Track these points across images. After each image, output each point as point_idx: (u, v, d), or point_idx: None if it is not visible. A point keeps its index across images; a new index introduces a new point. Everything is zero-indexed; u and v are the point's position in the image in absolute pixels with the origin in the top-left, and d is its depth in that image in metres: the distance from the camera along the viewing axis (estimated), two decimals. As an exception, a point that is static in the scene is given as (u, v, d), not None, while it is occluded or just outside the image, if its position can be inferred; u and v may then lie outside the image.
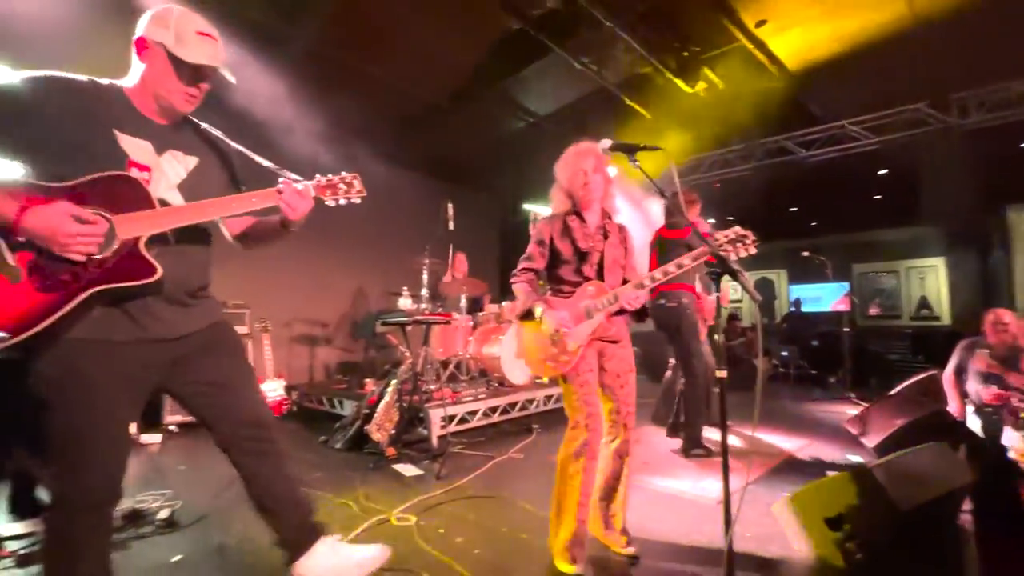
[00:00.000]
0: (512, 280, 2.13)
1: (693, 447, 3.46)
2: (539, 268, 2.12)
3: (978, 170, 6.06)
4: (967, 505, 2.28)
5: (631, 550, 2.06)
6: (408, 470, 3.20)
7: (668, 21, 5.03)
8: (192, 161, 1.42)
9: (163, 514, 2.42)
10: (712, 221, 4.64)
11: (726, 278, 1.58)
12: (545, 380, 4.50)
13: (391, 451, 3.48)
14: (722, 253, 1.58)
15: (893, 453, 2.18)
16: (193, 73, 1.33)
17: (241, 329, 4.85)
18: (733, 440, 3.89)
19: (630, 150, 1.77)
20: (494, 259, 8.42)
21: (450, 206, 4.85)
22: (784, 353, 7.51)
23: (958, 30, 4.73)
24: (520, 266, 2.13)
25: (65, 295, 1.16)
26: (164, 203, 1.32)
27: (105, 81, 1.34)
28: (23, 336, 1.12)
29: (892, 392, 3.78)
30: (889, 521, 1.84)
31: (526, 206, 8.22)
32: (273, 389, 4.82)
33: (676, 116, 6.34)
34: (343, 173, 1.50)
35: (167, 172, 1.35)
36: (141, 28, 1.32)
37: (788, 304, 10.28)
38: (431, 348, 4.36)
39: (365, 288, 6.66)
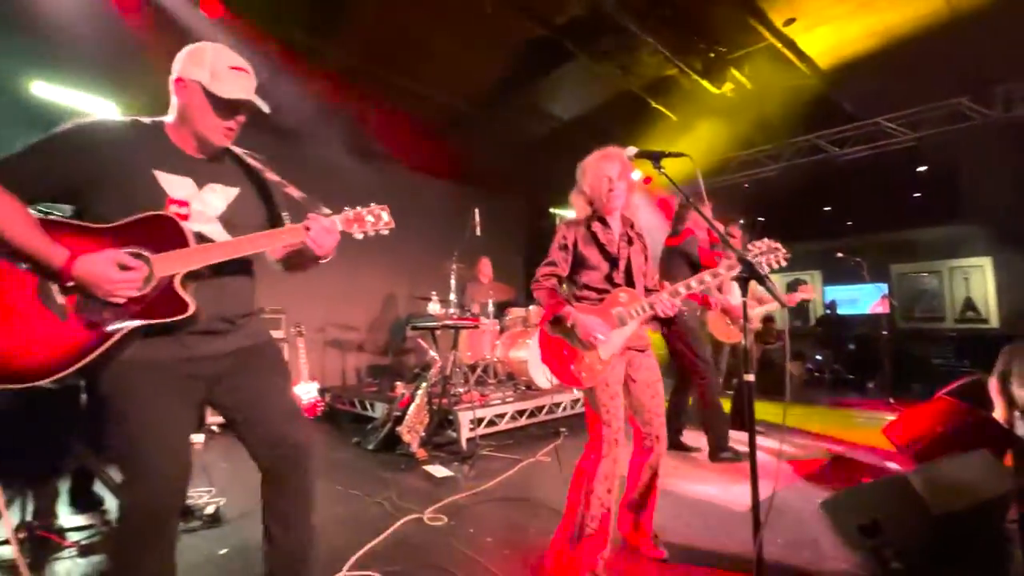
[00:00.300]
0: (534, 286, 2.07)
1: (720, 451, 3.42)
2: (562, 274, 2.06)
3: (1024, 164, 5.80)
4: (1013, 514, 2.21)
5: (661, 553, 2.06)
6: (438, 471, 3.28)
7: (694, 23, 4.99)
8: (233, 192, 1.47)
9: (209, 509, 2.55)
10: (742, 221, 4.53)
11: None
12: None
13: (422, 453, 3.56)
14: (751, 260, 1.58)
15: (932, 460, 2.14)
16: (229, 107, 1.37)
17: (277, 334, 5.04)
18: (764, 445, 3.84)
19: (655, 157, 1.79)
20: (520, 264, 8.49)
21: (477, 212, 4.93)
22: (818, 357, 7.31)
23: (999, 20, 4.55)
24: (543, 271, 2.06)
25: (107, 331, 1.25)
26: (203, 236, 1.38)
27: (147, 120, 1.41)
28: (73, 368, 1.22)
29: (933, 397, 3.65)
30: (926, 529, 1.80)
31: (552, 210, 8.26)
32: (308, 391, 4.98)
33: (703, 117, 6.28)
34: (372, 205, 1.51)
35: (207, 205, 1.41)
36: (177, 67, 1.37)
37: (823, 306, 9.98)
38: (460, 352, 4.44)
39: (394, 293, 6.81)
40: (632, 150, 1.85)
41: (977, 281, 9.10)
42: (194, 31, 4.03)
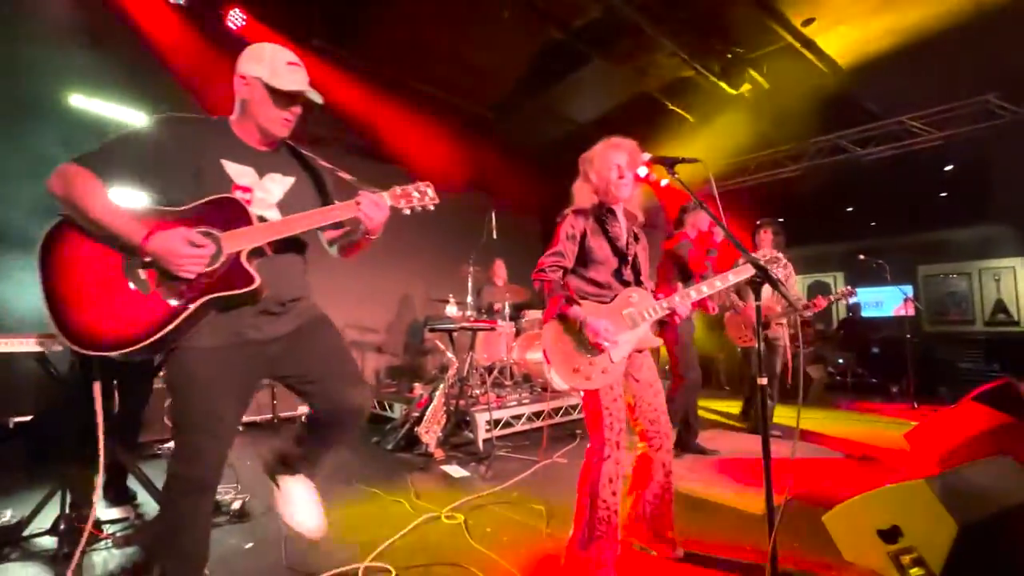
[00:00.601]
0: (539, 276, 1.94)
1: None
2: (568, 266, 1.95)
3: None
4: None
5: (677, 554, 2.07)
6: (456, 471, 3.33)
7: (711, 24, 4.98)
8: (289, 181, 1.61)
9: (235, 505, 2.64)
10: (780, 220, 4.36)
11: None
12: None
13: (439, 453, 3.62)
14: (764, 263, 1.59)
15: (954, 466, 2.11)
16: (287, 100, 1.52)
17: (299, 335, 5.16)
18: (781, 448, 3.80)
19: (669, 163, 1.81)
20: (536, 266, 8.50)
21: (493, 215, 4.98)
22: (840, 360, 7.17)
23: (1027, 15, 4.43)
24: (549, 261, 1.94)
25: (183, 304, 1.38)
26: (264, 220, 1.50)
27: (215, 117, 1.58)
28: (155, 338, 1.34)
29: (960, 402, 3.57)
30: (946, 536, 1.78)
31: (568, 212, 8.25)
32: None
33: (721, 119, 6.24)
34: (417, 182, 1.63)
35: (267, 193, 1.55)
36: (240, 66, 1.52)
37: (846, 309, 9.78)
38: (476, 354, 4.49)
39: (412, 296, 6.90)
40: (646, 156, 1.87)
41: (1008, 282, 8.82)
42: (220, 43, 4.18)
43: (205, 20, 4.26)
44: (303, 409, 5.05)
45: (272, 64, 1.50)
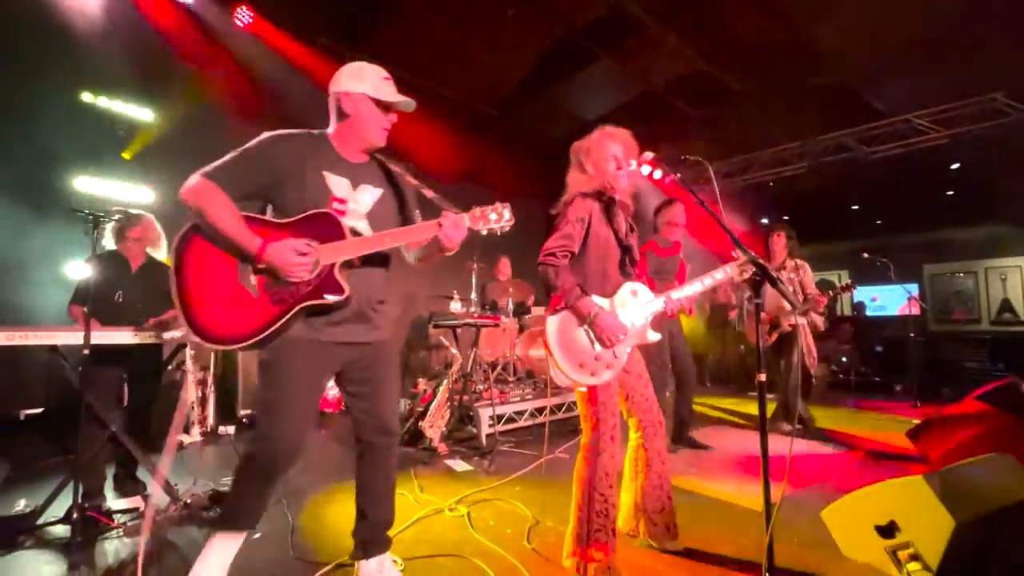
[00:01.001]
0: (549, 259, 1.88)
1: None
2: (575, 251, 1.90)
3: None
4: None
5: (677, 546, 2.10)
6: (459, 465, 3.37)
7: (717, 22, 4.97)
8: (378, 192, 1.74)
9: (243, 497, 2.68)
10: (776, 224, 4.41)
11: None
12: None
13: (443, 447, 3.66)
14: (762, 261, 1.59)
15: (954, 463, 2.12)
16: (386, 110, 1.70)
17: (305, 330, 5.21)
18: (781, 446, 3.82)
19: (672, 162, 1.82)
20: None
21: (498, 212, 4.99)
22: (844, 359, 7.17)
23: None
24: (557, 244, 1.88)
25: (285, 308, 1.54)
26: (355, 231, 1.64)
27: (316, 132, 1.72)
28: (261, 336, 1.51)
29: (963, 401, 3.57)
30: (943, 533, 1.80)
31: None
32: (333, 387, 5.14)
33: (726, 116, 6.23)
34: (496, 204, 1.72)
35: (359, 204, 1.69)
36: (342, 84, 1.67)
37: (851, 307, 9.76)
38: (480, 350, 4.53)
39: (416, 292, 6.93)
40: (649, 155, 1.89)
41: (1014, 282, 8.78)
42: (226, 41, 4.21)
43: (212, 17, 4.29)
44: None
45: (373, 81, 1.68)
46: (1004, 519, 1.85)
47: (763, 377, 1.54)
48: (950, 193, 7.66)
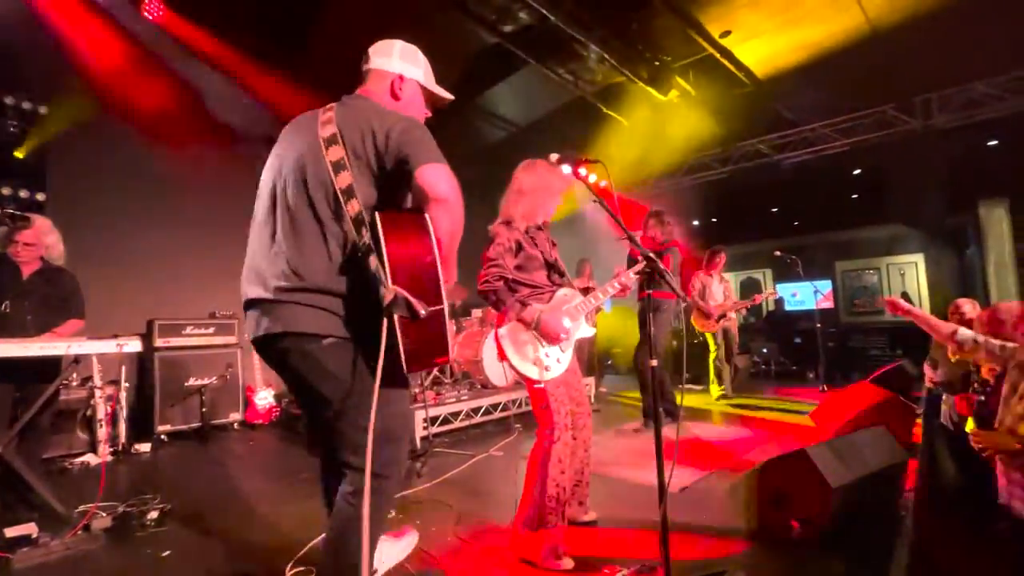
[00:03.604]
0: (486, 287, 2.11)
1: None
2: (508, 276, 2.12)
3: (949, 168, 6.28)
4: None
5: (593, 516, 2.31)
6: (390, 469, 3.33)
7: (638, 33, 5.23)
8: None
9: (153, 515, 2.55)
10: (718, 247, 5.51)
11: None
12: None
13: (375, 452, 3.61)
14: (651, 255, 1.69)
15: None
16: (431, 100, 1.60)
17: (231, 339, 4.99)
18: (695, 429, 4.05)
19: (574, 163, 1.92)
20: (477, 266, 8.56)
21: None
22: (764, 350, 7.68)
23: (917, 36, 4.95)
24: (491, 272, 2.11)
25: None
26: None
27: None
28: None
29: (854, 383, 3.93)
30: (824, 498, 1.99)
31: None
32: (263, 398, 4.95)
33: (653, 122, 6.53)
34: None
35: None
36: (397, 66, 1.51)
37: (773, 303, 10.46)
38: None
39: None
40: (553, 156, 1.97)
41: (911, 276, 9.73)
42: (133, 33, 3.97)
43: (117, 10, 4.04)
44: (234, 416, 4.90)
45: (425, 68, 1.55)
46: (871, 482, 2.07)
47: (655, 362, 1.66)
48: (855, 196, 8.41)
